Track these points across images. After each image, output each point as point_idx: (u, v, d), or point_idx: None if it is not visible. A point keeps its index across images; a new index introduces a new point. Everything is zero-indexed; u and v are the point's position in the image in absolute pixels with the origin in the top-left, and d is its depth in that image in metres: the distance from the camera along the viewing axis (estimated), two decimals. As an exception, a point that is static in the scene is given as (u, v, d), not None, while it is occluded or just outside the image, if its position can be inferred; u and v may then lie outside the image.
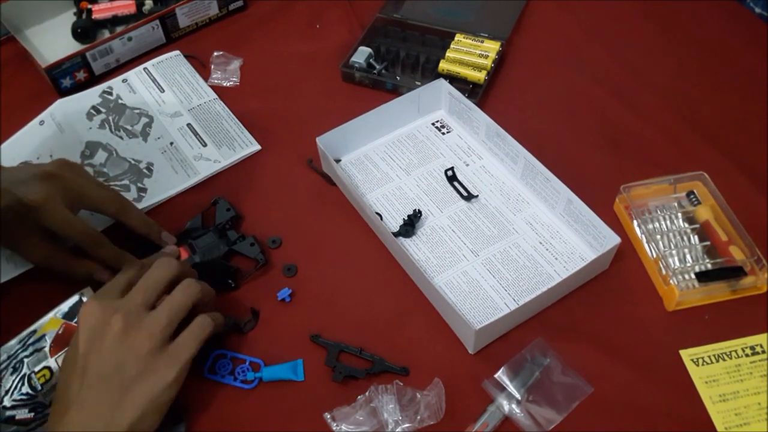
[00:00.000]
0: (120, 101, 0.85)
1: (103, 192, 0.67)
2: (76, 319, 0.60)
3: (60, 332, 0.59)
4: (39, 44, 0.92)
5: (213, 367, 0.62)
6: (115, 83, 0.87)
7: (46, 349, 0.58)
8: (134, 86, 0.87)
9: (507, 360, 0.61)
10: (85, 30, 0.91)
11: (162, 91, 0.86)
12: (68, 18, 0.94)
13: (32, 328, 0.60)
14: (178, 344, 0.56)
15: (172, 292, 0.58)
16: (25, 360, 0.58)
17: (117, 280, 0.60)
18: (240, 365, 0.62)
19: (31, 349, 0.58)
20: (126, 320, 0.54)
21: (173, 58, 0.90)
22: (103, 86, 0.87)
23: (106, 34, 0.93)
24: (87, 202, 0.66)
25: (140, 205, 0.74)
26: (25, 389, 0.56)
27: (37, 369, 0.57)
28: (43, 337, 0.59)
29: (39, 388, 0.56)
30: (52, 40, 0.92)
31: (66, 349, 0.57)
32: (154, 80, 0.88)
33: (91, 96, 0.86)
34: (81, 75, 0.87)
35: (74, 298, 0.61)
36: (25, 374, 0.57)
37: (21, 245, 0.65)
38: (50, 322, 0.60)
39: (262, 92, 0.87)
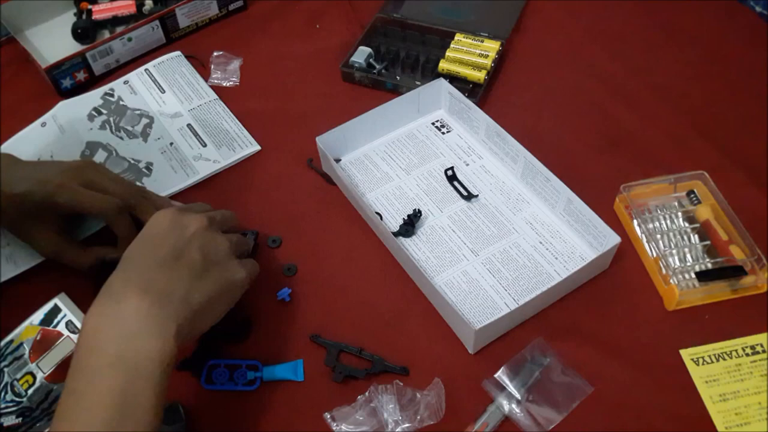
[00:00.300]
0: (121, 102, 0.85)
1: (121, 185, 0.67)
2: (54, 323, 0.60)
3: (38, 339, 0.60)
4: (39, 45, 0.92)
5: (210, 377, 0.61)
6: (116, 85, 0.87)
7: (26, 356, 0.59)
8: (135, 88, 0.87)
9: (507, 360, 0.61)
10: (86, 30, 0.91)
11: (163, 91, 0.86)
12: (68, 18, 0.94)
13: (8, 338, 0.60)
14: (245, 260, 0.60)
15: (235, 234, 0.62)
16: (5, 369, 0.59)
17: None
18: (237, 370, 0.62)
19: (9, 359, 0.59)
20: (209, 221, 0.58)
21: (174, 58, 0.90)
22: (105, 88, 0.87)
23: (107, 34, 0.93)
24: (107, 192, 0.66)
25: None
26: (10, 396, 0.57)
27: (18, 376, 0.58)
28: (20, 345, 0.60)
29: (23, 393, 0.57)
30: (52, 41, 0.92)
31: (47, 352, 0.58)
32: (155, 81, 0.88)
33: (92, 98, 0.86)
34: (81, 75, 0.87)
35: (49, 305, 0.62)
36: (6, 383, 0.58)
37: (34, 237, 0.66)
38: (26, 330, 0.60)
39: (262, 92, 0.87)
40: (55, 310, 0.61)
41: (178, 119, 0.83)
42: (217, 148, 0.80)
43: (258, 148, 0.80)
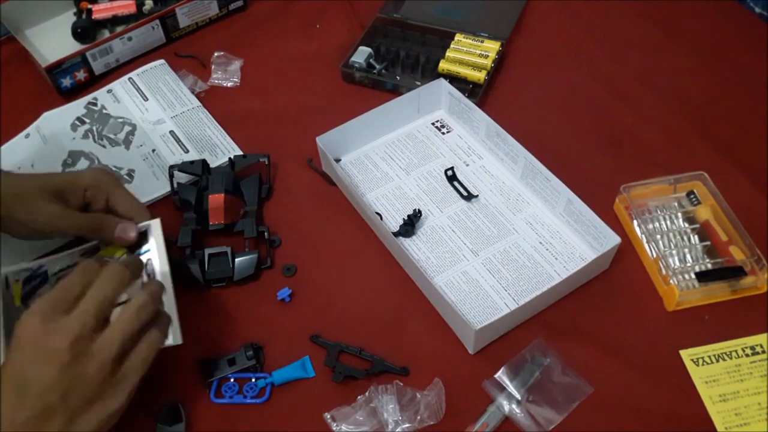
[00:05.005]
0: (104, 111, 0.85)
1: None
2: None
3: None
4: (39, 44, 0.92)
5: (219, 390, 0.61)
6: (100, 94, 0.87)
7: (40, 291, 0.62)
8: (119, 96, 0.87)
9: (507, 360, 0.61)
10: (85, 30, 0.91)
11: (146, 99, 0.86)
12: (68, 18, 0.94)
13: (43, 262, 0.65)
14: (127, 368, 0.51)
15: (125, 310, 0.52)
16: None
17: (62, 290, 0.51)
18: (247, 383, 0.61)
19: (35, 282, 0.63)
20: (74, 349, 0.48)
21: (158, 67, 0.89)
22: (89, 97, 0.87)
23: (106, 33, 0.93)
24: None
25: None
26: None
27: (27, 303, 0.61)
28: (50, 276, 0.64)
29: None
30: (52, 40, 0.92)
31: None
32: (138, 89, 0.87)
33: (76, 107, 0.85)
34: (81, 75, 0.87)
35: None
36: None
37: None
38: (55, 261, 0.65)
39: (263, 92, 0.87)
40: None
41: (160, 126, 0.83)
42: (199, 154, 0.79)
43: (240, 154, 0.80)
